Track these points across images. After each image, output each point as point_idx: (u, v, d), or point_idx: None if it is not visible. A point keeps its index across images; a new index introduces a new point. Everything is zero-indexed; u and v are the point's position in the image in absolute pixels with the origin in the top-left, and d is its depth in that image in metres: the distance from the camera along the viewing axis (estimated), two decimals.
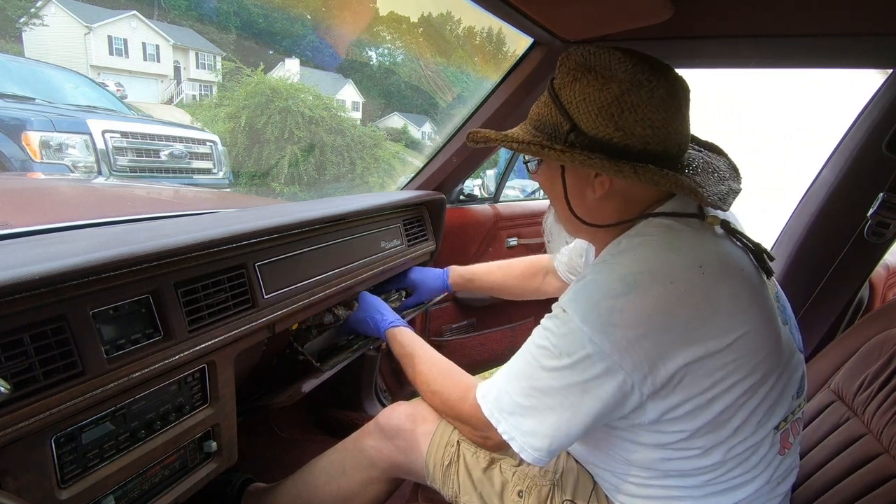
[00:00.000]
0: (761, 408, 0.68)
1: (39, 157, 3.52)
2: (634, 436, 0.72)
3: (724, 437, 0.68)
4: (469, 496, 0.90)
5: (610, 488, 0.82)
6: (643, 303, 0.63)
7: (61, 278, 0.61)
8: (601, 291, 0.66)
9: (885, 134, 1.16)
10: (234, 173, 5.66)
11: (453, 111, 3.34)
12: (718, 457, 0.69)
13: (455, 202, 1.85)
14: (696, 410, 0.65)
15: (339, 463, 1.05)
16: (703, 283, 0.65)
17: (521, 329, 2.05)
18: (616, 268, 0.67)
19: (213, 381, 0.87)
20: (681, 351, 0.62)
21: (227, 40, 20.00)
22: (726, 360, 0.64)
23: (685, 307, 0.63)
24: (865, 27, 1.02)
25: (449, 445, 0.93)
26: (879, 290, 1.41)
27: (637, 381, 0.63)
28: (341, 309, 1.25)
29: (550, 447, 0.70)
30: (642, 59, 0.68)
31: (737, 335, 0.64)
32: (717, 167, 0.80)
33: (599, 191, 0.73)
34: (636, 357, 0.62)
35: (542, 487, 0.87)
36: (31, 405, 0.59)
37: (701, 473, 0.71)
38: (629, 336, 0.62)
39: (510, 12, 0.99)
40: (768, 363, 0.67)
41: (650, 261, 0.67)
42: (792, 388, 0.72)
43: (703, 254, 0.67)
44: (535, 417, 0.69)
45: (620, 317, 0.63)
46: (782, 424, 0.72)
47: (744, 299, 0.66)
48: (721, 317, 0.64)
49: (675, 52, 1.16)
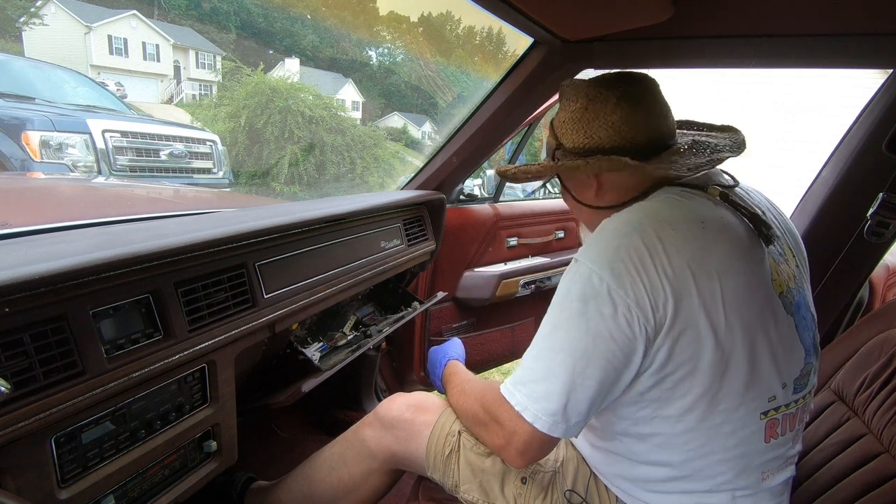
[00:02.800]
0: (742, 379, 0.69)
1: (39, 156, 3.52)
2: (622, 409, 0.74)
3: (703, 402, 0.69)
4: (469, 485, 0.90)
5: (607, 476, 0.83)
6: (647, 240, 0.68)
7: (61, 278, 0.61)
8: (609, 234, 0.72)
9: (885, 134, 1.15)
10: (234, 173, 5.66)
11: (453, 111, 3.34)
12: (692, 422, 0.70)
13: (455, 202, 1.85)
14: (686, 364, 0.67)
15: (339, 454, 1.06)
16: (703, 236, 0.70)
17: (520, 329, 2.06)
18: (623, 216, 0.74)
19: (213, 381, 0.87)
20: (677, 291, 0.66)
21: (227, 40, 20.00)
22: (714, 317, 0.66)
23: (683, 254, 0.67)
24: (865, 27, 1.02)
25: (450, 435, 0.93)
26: (879, 290, 1.41)
27: (641, 318, 0.65)
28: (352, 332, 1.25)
29: (566, 410, 0.68)
30: (596, 80, 0.82)
31: (726, 293, 0.67)
32: (712, 143, 0.86)
33: (593, 188, 0.83)
34: (639, 291, 0.65)
35: (544, 475, 0.87)
36: (31, 405, 0.59)
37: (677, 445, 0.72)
38: (632, 270, 0.66)
39: (510, 12, 0.99)
40: (756, 339, 0.69)
41: (655, 210, 0.74)
42: (785, 375, 0.72)
43: (705, 212, 0.73)
44: (548, 379, 0.69)
45: (626, 253, 0.68)
46: (771, 413, 0.72)
47: (738, 264, 0.70)
48: (713, 268, 0.68)
49: (675, 52, 1.16)
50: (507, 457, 0.77)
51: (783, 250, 0.80)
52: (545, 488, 0.87)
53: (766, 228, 0.73)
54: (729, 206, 0.76)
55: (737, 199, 0.76)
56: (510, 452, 0.75)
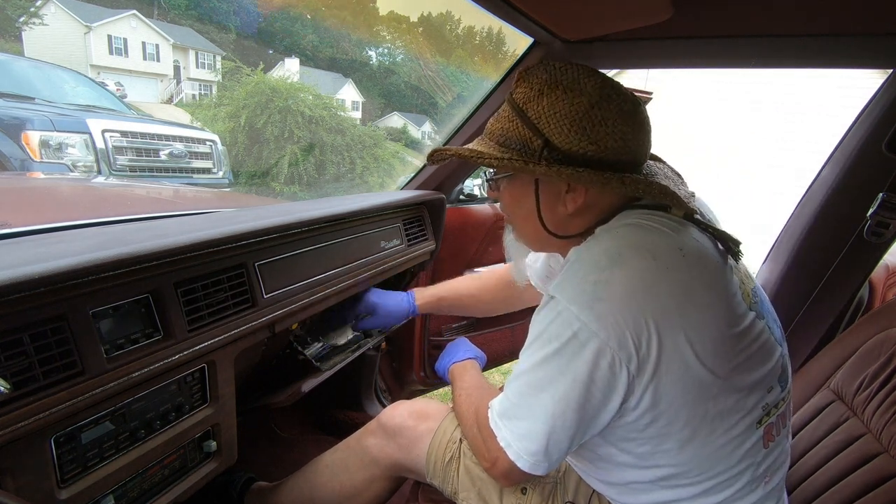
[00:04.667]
0: (736, 398, 0.68)
1: (39, 156, 3.52)
2: (622, 444, 0.72)
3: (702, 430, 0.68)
4: (468, 493, 0.90)
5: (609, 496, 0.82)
6: (627, 274, 0.64)
7: (61, 278, 0.61)
8: (586, 268, 0.67)
9: (885, 134, 1.15)
10: (233, 173, 5.66)
11: (453, 111, 3.34)
12: (695, 450, 0.69)
13: (455, 202, 1.85)
14: (678, 398, 0.65)
15: (341, 461, 1.06)
16: (684, 264, 0.66)
17: (520, 329, 2.05)
18: (601, 244, 0.69)
19: (213, 381, 0.87)
20: (662, 327, 0.62)
21: (227, 40, 20.01)
22: (699, 348, 0.64)
23: (666, 283, 0.65)
24: (865, 27, 1.02)
25: (451, 442, 0.93)
26: (879, 290, 1.41)
27: (623, 358, 0.62)
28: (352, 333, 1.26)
29: (547, 450, 0.68)
30: (607, 77, 0.71)
31: (709, 323, 0.65)
32: (667, 173, 0.82)
33: (571, 206, 0.73)
34: (620, 331, 0.62)
35: (545, 486, 0.87)
36: (30, 405, 0.59)
37: (684, 472, 0.71)
38: (613, 309, 0.62)
39: (510, 12, 0.99)
40: (741, 358, 0.68)
41: (633, 237, 0.69)
42: (770, 379, 0.72)
43: (681, 238, 0.69)
44: (530, 417, 0.68)
45: (606, 290, 0.64)
46: (765, 419, 0.72)
47: (717, 291, 0.68)
48: (695, 300, 0.65)
49: (675, 52, 1.16)
50: (492, 475, 0.77)
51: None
52: (545, 499, 0.86)
53: (734, 245, 0.72)
54: (693, 225, 0.72)
55: (700, 217, 0.74)
56: (495, 473, 0.76)
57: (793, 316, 1.31)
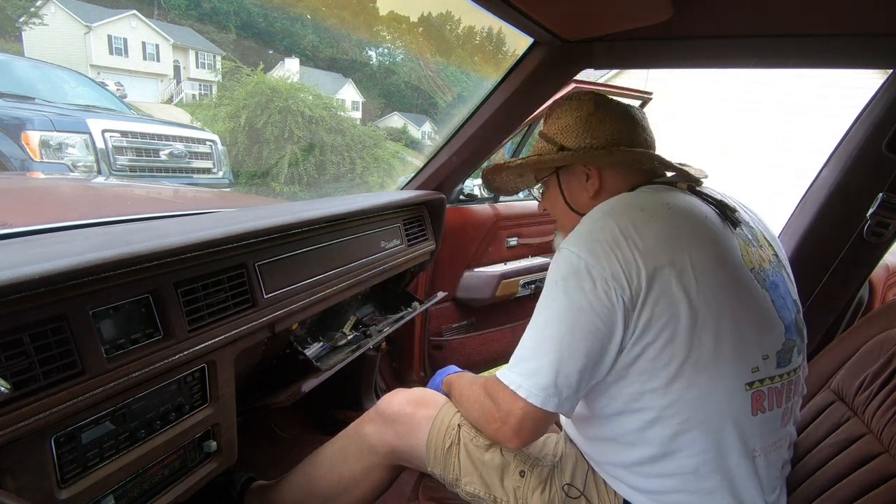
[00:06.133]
0: (722, 345, 0.71)
1: (39, 156, 3.52)
2: (613, 388, 0.76)
3: (686, 370, 0.71)
4: (470, 477, 0.90)
5: (603, 466, 0.84)
6: (618, 221, 0.76)
7: (61, 278, 0.61)
8: (586, 222, 0.80)
9: (885, 134, 1.15)
10: (233, 173, 5.65)
11: (453, 111, 3.34)
12: (679, 391, 0.72)
13: (455, 202, 1.85)
14: (665, 330, 0.71)
15: (340, 451, 1.06)
16: (668, 213, 0.78)
17: (520, 329, 2.05)
18: (599, 207, 0.82)
19: (213, 381, 0.87)
20: (647, 262, 0.71)
21: (227, 40, 20.01)
22: (686, 282, 0.71)
23: (653, 226, 0.75)
24: (865, 27, 1.02)
25: (450, 428, 0.94)
26: (879, 290, 1.41)
27: (618, 289, 0.71)
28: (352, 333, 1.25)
29: (557, 383, 0.71)
30: (600, 94, 0.93)
31: (695, 261, 0.72)
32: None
33: (591, 189, 0.89)
34: (613, 264, 0.71)
35: (543, 468, 0.88)
36: (30, 405, 0.59)
37: (669, 415, 0.73)
38: (606, 247, 0.73)
39: (510, 12, 0.99)
40: (730, 304, 0.73)
41: (626, 198, 0.82)
42: (766, 348, 0.75)
43: (671, 198, 0.81)
44: (538, 355, 0.74)
45: (600, 233, 0.75)
46: (756, 384, 0.74)
47: (705, 237, 0.76)
48: (682, 240, 0.74)
49: (675, 52, 1.16)
50: (503, 437, 0.79)
51: (755, 237, 0.85)
52: (543, 481, 0.87)
53: (731, 212, 0.81)
54: (696, 196, 0.83)
55: (703, 190, 0.85)
56: (506, 433, 0.77)
57: None
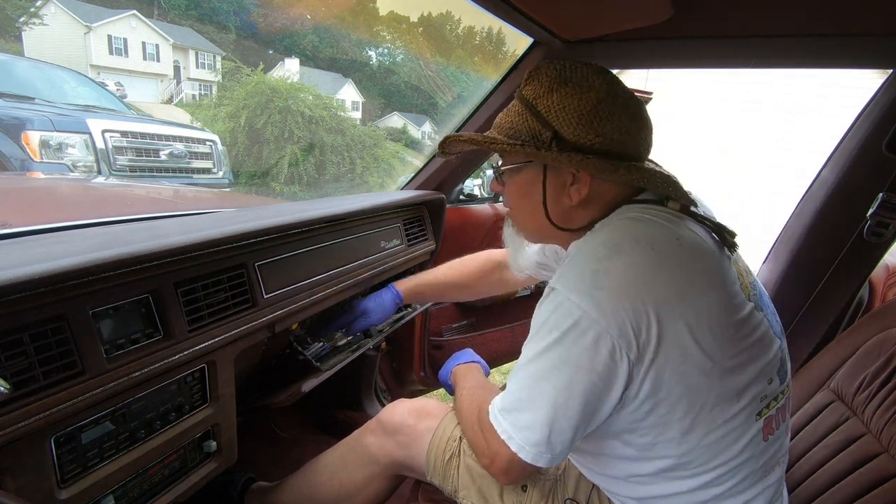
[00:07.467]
0: (736, 388, 0.68)
1: (39, 156, 3.52)
2: (624, 436, 0.72)
3: (702, 419, 0.68)
4: (468, 490, 0.90)
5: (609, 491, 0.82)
6: (627, 263, 0.66)
7: (61, 278, 0.61)
8: (586, 258, 0.69)
9: (885, 134, 1.15)
10: (233, 173, 5.65)
11: (453, 111, 3.34)
12: (696, 440, 0.69)
13: (455, 202, 1.85)
14: (678, 385, 0.65)
15: (341, 459, 1.06)
16: (681, 253, 0.69)
17: (520, 329, 2.05)
18: (599, 237, 0.71)
19: (213, 381, 0.87)
20: (661, 314, 0.63)
21: (227, 40, 20.01)
22: (700, 336, 0.65)
23: (665, 271, 0.66)
24: (865, 27, 1.02)
25: (451, 440, 0.93)
26: (879, 290, 1.41)
27: (623, 346, 0.63)
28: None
29: (550, 441, 0.67)
30: (614, 76, 0.75)
31: (709, 311, 0.66)
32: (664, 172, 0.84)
33: (576, 197, 0.75)
34: (620, 318, 0.63)
35: (545, 482, 0.87)
36: (30, 405, 0.59)
37: (685, 463, 0.71)
38: (612, 297, 0.64)
39: (510, 12, 0.99)
40: (742, 346, 0.68)
41: (631, 229, 0.71)
42: (769, 371, 0.72)
43: (678, 230, 0.71)
44: (531, 409, 0.68)
45: (606, 279, 0.65)
46: (765, 411, 0.72)
47: (714, 282, 0.69)
48: (695, 289, 0.67)
49: (675, 52, 1.16)
50: (491, 472, 0.77)
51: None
52: (545, 496, 0.86)
53: (730, 236, 0.74)
54: (690, 218, 0.74)
55: (696, 211, 0.75)
56: (494, 471, 0.75)
57: (793, 316, 1.31)
